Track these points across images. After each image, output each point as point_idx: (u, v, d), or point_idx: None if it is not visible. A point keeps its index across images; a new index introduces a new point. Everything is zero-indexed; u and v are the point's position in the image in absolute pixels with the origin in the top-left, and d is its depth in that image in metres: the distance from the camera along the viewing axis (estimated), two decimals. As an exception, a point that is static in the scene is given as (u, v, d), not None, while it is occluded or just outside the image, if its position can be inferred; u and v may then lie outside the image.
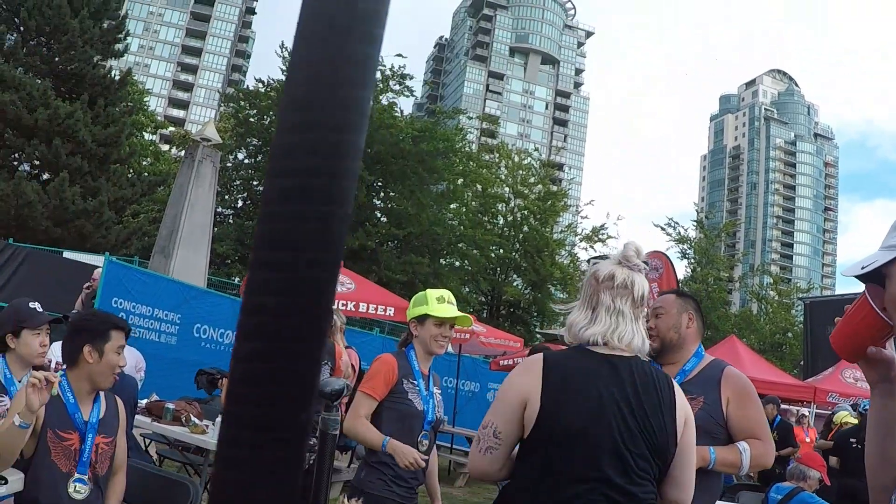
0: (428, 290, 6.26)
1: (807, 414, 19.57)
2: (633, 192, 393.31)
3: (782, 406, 19.34)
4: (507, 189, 51.78)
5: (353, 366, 11.10)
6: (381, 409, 5.91)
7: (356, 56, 0.83)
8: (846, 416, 17.00)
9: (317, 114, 0.81)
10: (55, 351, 10.58)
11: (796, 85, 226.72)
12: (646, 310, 3.89)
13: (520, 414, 3.66)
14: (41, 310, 5.83)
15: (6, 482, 4.79)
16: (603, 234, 51.65)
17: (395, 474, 5.73)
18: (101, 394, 5.29)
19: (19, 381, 5.67)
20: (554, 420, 3.55)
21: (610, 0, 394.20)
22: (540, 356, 3.73)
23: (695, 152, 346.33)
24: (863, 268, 2.33)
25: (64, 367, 5.22)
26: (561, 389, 3.57)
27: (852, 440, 14.92)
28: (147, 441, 11.77)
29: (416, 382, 5.96)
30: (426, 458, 5.81)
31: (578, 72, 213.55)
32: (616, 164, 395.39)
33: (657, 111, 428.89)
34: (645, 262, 3.94)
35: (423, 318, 6.10)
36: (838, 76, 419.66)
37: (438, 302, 6.10)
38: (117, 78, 35.73)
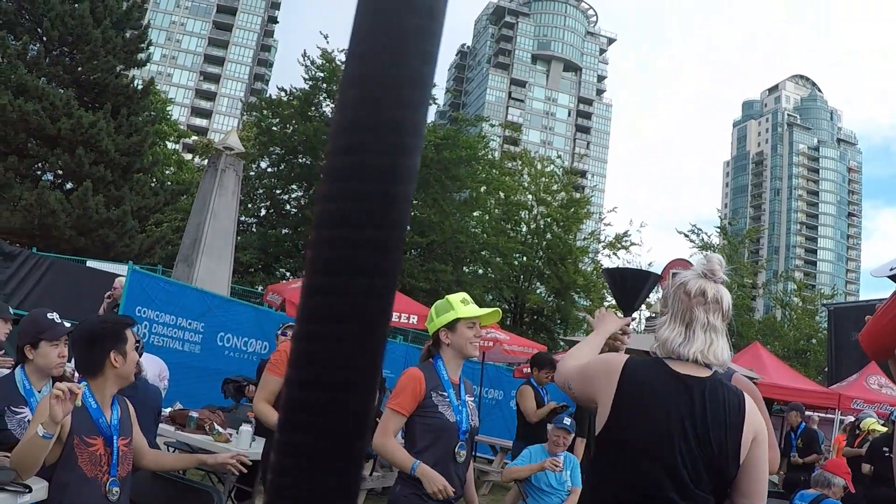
0: (448, 297, 6.16)
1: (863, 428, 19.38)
2: (656, 199, 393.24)
3: (806, 413, 19.20)
4: (529, 196, 51.66)
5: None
6: (414, 424, 5.85)
7: (410, 76, 0.78)
8: (873, 424, 16.88)
9: (369, 136, 0.77)
10: (78, 361, 10.59)
11: (819, 90, 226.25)
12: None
13: (592, 403, 3.89)
14: (59, 320, 5.83)
15: (30, 490, 4.80)
16: (626, 241, 51.53)
17: None
18: (115, 398, 5.30)
19: (38, 392, 5.68)
20: (619, 432, 3.67)
21: (632, 6, 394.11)
22: (622, 361, 3.80)
23: (718, 158, 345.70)
24: (892, 269, 2.33)
25: (83, 378, 5.23)
26: (631, 403, 3.67)
27: (885, 449, 14.85)
28: (171, 449, 11.78)
29: (446, 394, 5.86)
30: (454, 489, 5.70)
31: (601, 78, 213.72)
32: (639, 171, 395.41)
33: (679, 117, 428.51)
34: (665, 269, 4.02)
35: (453, 325, 5.97)
36: (863, 80, 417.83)
37: (464, 304, 5.99)
38: (140, 87, 35.75)
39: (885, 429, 16.44)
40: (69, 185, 32.99)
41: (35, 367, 5.71)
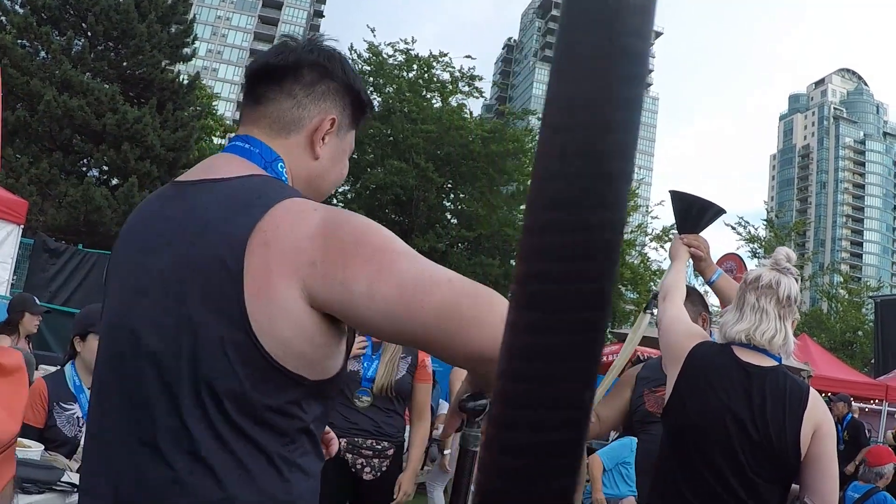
0: None
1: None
2: (702, 192, 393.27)
3: (855, 404, 19.05)
4: (577, 190, 51.62)
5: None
6: None
7: (622, 122, 0.66)
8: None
9: (574, 194, 0.65)
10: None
11: (865, 84, 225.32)
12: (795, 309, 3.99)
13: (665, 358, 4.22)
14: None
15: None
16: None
17: None
18: None
19: (89, 389, 5.62)
20: (679, 415, 3.82)
21: (678, 1, 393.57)
22: (691, 346, 3.96)
23: (764, 151, 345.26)
24: None
25: None
26: (691, 387, 3.83)
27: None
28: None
29: None
30: None
31: (647, 73, 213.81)
32: (685, 164, 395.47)
33: (725, 111, 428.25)
34: (718, 263, 4.12)
35: None
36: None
37: None
38: (186, 82, 35.83)
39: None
40: (115, 181, 32.97)
41: (83, 362, 5.65)
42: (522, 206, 45.10)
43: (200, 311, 1.91)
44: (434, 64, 41.98)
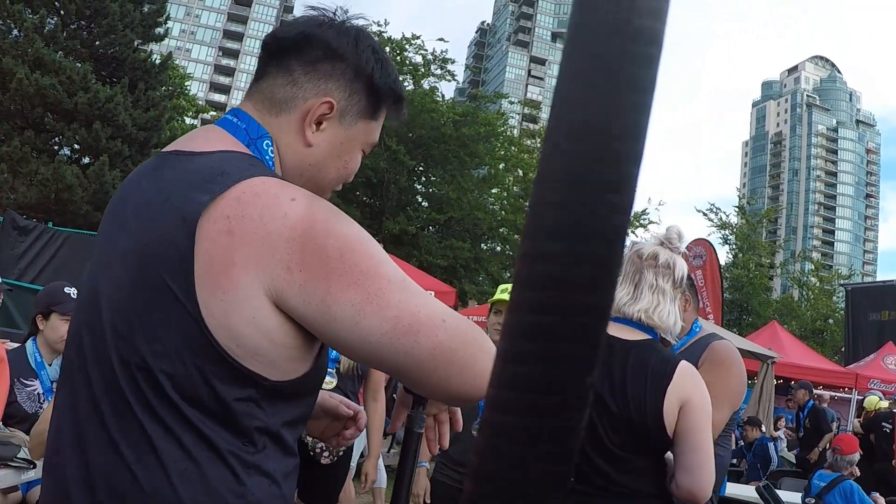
0: (502, 285, 6.33)
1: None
2: (674, 178, 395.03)
3: (815, 391, 19.15)
4: (548, 174, 51.49)
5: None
6: None
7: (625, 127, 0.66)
8: (877, 402, 16.93)
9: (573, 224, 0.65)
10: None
11: (838, 72, 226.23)
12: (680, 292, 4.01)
13: None
14: (76, 296, 5.78)
15: (34, 466, 4.78)
16: (644, 219, 50.89)
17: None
18: None
19: (49, 365, 5.66)
20: None
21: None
22: None
23: (736, 138, 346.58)
24: None
25: None
26: None
27: (884, 424, 14.89)
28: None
29: None
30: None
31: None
32: (658, 150, 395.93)
33: (699, 97, 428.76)
34: (687, 249, 4.09)
35: (492, 307, 6.09)
36: (883, 62, 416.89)
37: (501, 292, 6.10)
38: (158, 62, 35.59)
39: (885, 404, 16.56)
40: (86, 160, 32.77)
41: (44, 340, 5.69)
42: (494, 190, 45.14)
43: (151, 291, 1.83)
44: (406, 47, 41.89)
